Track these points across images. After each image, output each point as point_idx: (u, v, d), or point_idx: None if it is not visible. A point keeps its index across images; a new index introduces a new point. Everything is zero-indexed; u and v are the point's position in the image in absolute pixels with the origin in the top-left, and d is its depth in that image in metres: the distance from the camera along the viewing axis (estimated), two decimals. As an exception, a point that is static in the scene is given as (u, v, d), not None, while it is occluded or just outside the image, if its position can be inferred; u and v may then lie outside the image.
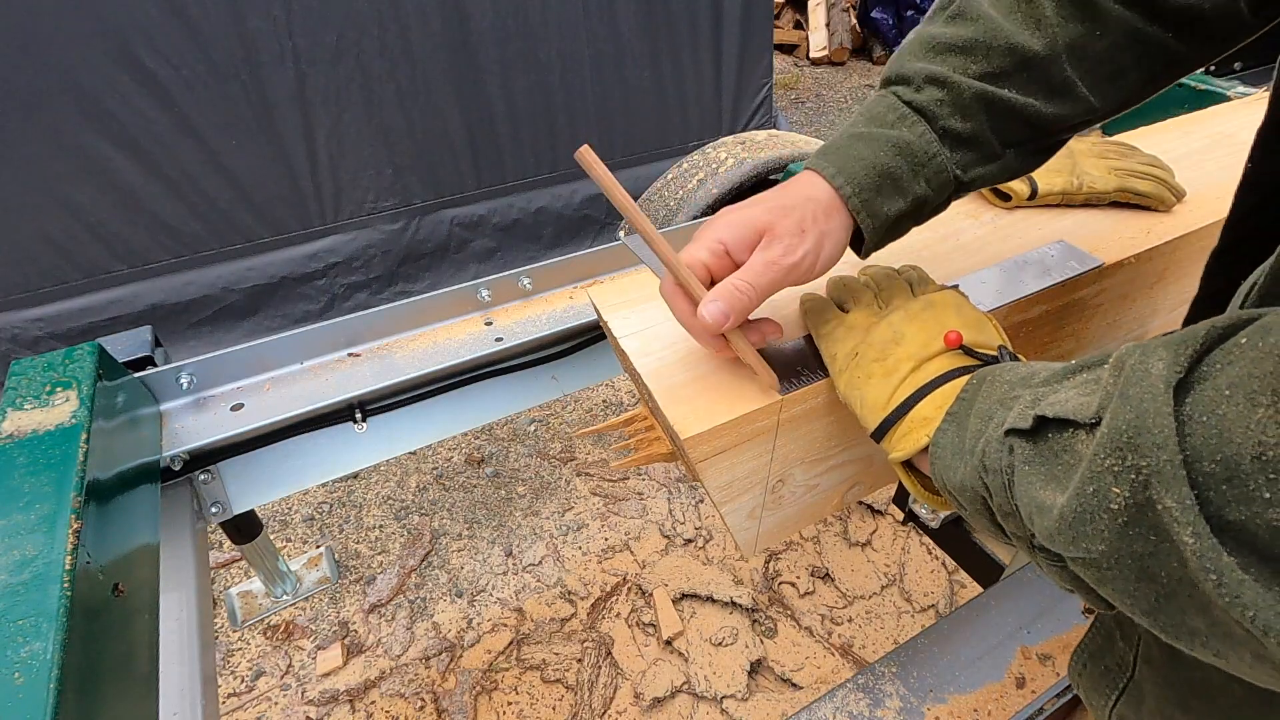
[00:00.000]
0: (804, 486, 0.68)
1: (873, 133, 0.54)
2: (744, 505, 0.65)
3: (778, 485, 0.65)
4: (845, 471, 0.71)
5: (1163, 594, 0.31)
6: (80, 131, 1.99)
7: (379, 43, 2.26)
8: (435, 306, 0.98)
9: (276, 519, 2.05)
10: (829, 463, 0.68)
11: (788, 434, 0.61)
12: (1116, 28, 0.51)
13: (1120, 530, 0.31)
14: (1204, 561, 0.27)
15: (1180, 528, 0.27)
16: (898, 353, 0.52)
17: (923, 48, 0.55)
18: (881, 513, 2.01)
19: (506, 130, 2.60)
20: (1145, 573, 0.31)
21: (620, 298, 0.70)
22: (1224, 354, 0.29)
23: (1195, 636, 0.31)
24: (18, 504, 0.56)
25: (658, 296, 0.62)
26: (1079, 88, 0.53)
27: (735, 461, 0.59)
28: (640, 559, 1.89)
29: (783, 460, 0.63)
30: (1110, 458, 0.30)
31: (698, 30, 2.84)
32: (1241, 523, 0.26)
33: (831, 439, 0.65)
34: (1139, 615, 0.33)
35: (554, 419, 2.38)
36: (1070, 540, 0.34)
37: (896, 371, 0.51)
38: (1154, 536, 0.29)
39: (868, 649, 1.68)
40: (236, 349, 0.88)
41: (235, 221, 2.30)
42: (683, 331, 0.64)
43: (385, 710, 1.57)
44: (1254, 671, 0.29)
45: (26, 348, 2.14)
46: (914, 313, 0.54)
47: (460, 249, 2.72)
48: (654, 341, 0.64)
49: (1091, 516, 0.32)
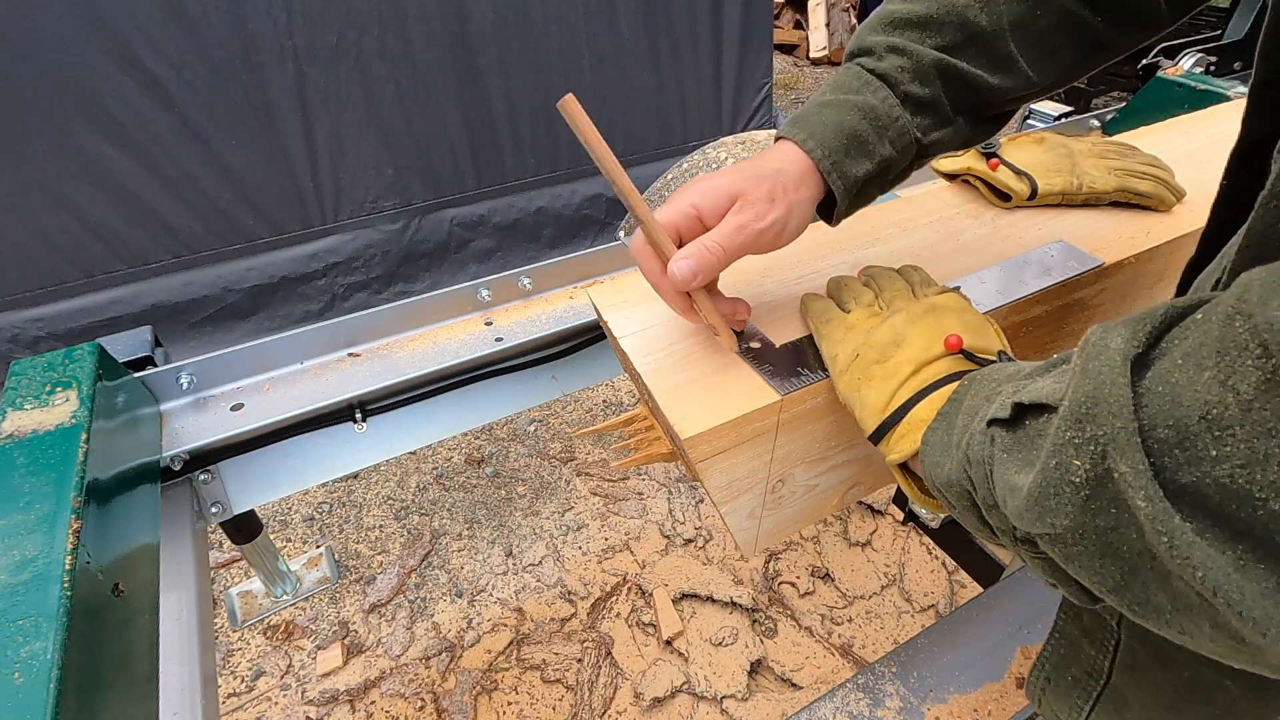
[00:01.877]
0: (804, 487, 0.68)
1: (839, 99, 0.58)
2: (744, 505, 0.64)
3: (778, 485, 0.65)
4: (845, 471, 0.71)
5: (1126, 569, 0.31)
6: (80, 131, 1.99)
7: (379, 43, 2.26)
8: (435, 306, 0.98)
9: (276, 519, 2.05)
10: (829, 463, 0.68)
11: (788, 434, 0.61)
12: (1053, 9, 0.57)
13: (1083, 504, 0.31)
14: (1157, 525, 0.27)
15: (1134, 493, 0.28)
16: (899, 356, 0.52)
17: (883, 24, 0.59)
18: (881, 513, 2.01)
19: (506, 130, 2.60)
20: (1109, 548, 0.31)
21: (620, 297, 0.70)
22: (1180, 330, 0.30)
23: (1160, 613, 0.31)
24: (18, 504, 0.56)
25: (658, 296, 0.62)
26: (1020, 63, 0.58)
27: (735, 462, 0.59)
28: (640, 559, 1.89)
29: (783, 460, 0.63)
30: (1071, 430, 0.31)
31: (698, 30, 2.84)
32: (1194, 484, 0.27)
33: (831, 439, 0.65)
34: (1107, 594, 0.33)
35: (554, 419, 2.38)
36: (1037, 517, 0.34)
37: (896, 374, 0.52)
38: (1114, 509, 0.30)
39: (868, 649, 1.68)
40: (236, 349, 0.88)
41: (235, 221, 2.30)
42: (683, 331, 0.64)
43: (385, 710, 1.57)
44: (1215, 645, 0.30)
45: (26, 348, 2.14)
46: (916, 316, 0.55)
47: (460, 249, 2.72)
48: (654, 341, 0.64)
49: (1055, 490, 0.32)
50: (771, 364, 0.59)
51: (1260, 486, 0.25)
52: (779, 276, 0.72)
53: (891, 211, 0.84)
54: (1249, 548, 0.26)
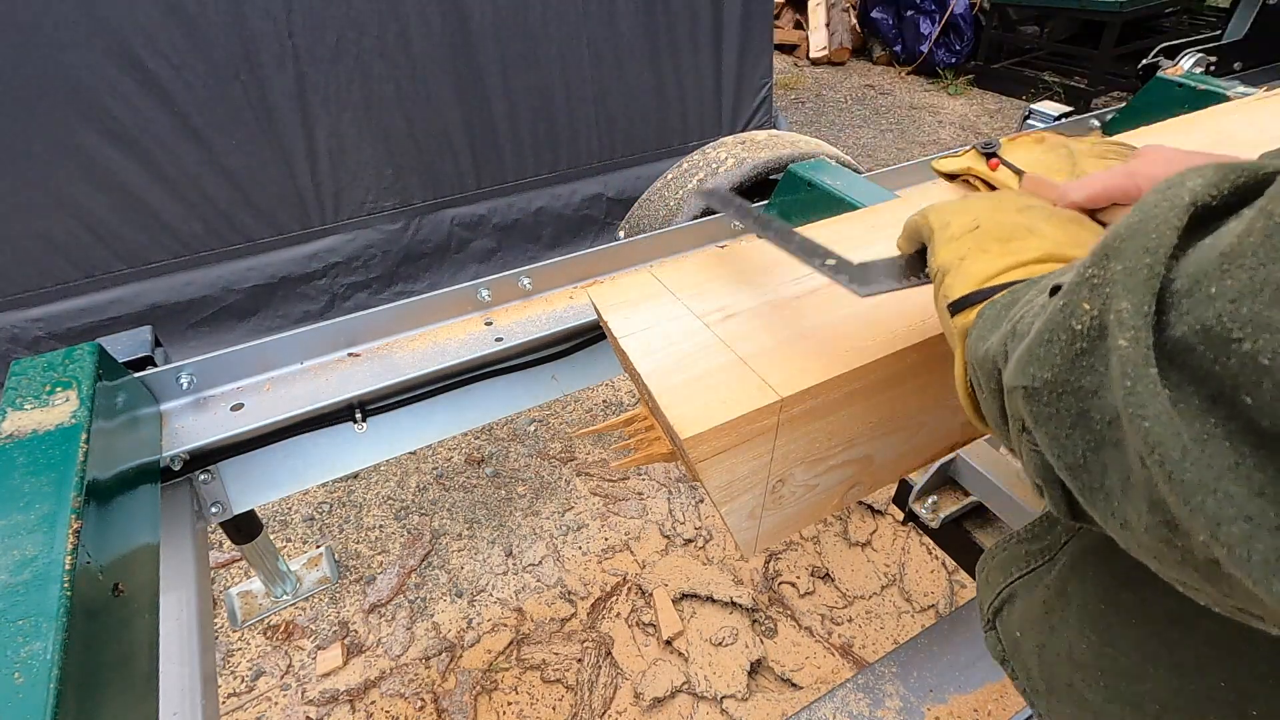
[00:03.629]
0: (804, 486, 0.68)
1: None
2: (744, 505, 0.64)
3: (778, 485, 0.65)
4: (845, 472, 0.71)
5: (1092, 443, 0.30)
6: (80, 131, 1.99)
7: (379, 43, 2.26)
8: (435, 306, 0.98)
9: (276, 519, 2.05)
10: (829, 463, 0.68)
11: (788, 434, 0.60)
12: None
13: (1073, 358, 0.30)
14: (1127, 368, 0.26)
15: (1122, 332, 0.27)
16: (1029, 241, 0.49)
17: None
18: (881, 513, 2.01)
19: (506, 130, 2.60)
20: (1082, 415, 0.30)
21: (620, 297, 0.70)
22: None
23: (1110, 499, 0.30)
24: (18, 504, 0.56)
25: (658, 296, 0.62)
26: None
27: (735, 461, 0.59)
28: (640, 559, 1.89)
29: (783, 460, 0.63)
30: (1093, 266, 0.30)
31: (698, 30, 2.84)
32: (1183, 336, 0.26)
33: (832, 439, 0.65)
34: (1064, 470, 0.32)
35: (554, 419, 2.38)
36: (1023, 366, 0.33)
37: (1018, 254, 0.48)
38: (1102, 368, 0.29)
39: (868, 649, 1.68)
40: (236, 349, 0.88)
41: (235, 221, 2.30)
42: (684, 331, 0.64)
43: (385, 710, 1.57)
44: (1149, 539, 0.28)
45: (26, 348, 2.14)
46: (1061, 220, 0.52)
47: (460, 249, 2.72)
48: (654, 341, 0.63)
49: (1052, 336, 0.31)
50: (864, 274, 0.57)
51: (1242, 324, 0.23)
52: (780, 276, 0.72)
53: (891, 210, 0.84)
54: (1220, 420, 0.24)
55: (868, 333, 0.62)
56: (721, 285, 0.70)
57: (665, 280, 0.70)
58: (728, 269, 0.72)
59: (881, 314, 0.64)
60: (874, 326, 0.63)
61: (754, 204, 1.04)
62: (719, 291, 0.69)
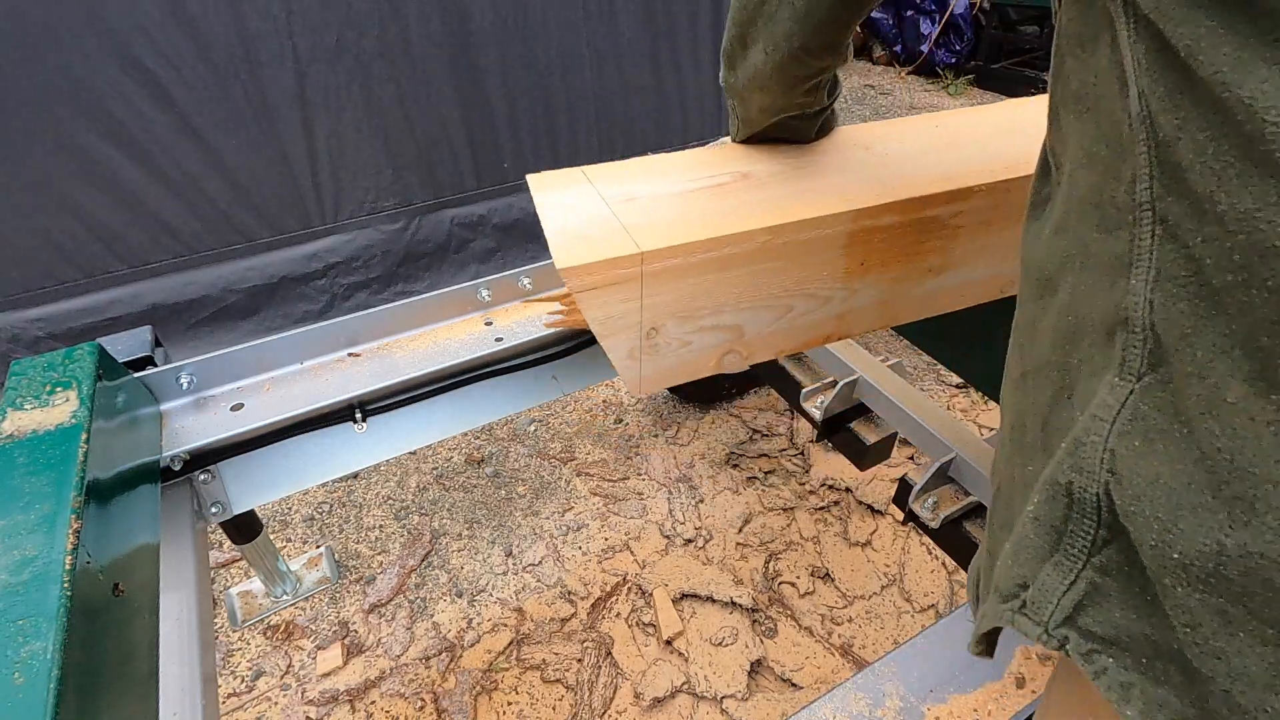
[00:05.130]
0: (678, 341, 0.78)
1: None
2: (623, 344, 0.74)
3: (652, 333, 0.75)
4: (717, 336, 0.80)
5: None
6: (80, 131, 1.99)
7: (379, 43, 2.26)
8: (435, 306, 0.98)
9: (276, 519, 2.05)
10: (699, 323, 0.77)
11: (654, 286, 0.71)
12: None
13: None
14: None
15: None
16: None
17: None
18: (881, 513, 2.01)
19: (506, 130, 2.60)
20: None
21: (551, 183, 0.80)
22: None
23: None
24: (18, 504, 0.56)
25: (580, 183, 0.78)
26: None
27: (607, 299, 0.70)
28: (640, 559, 1.89)
29: (653, 310, 0.73)
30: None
31: (698, 30, 2.84)
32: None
33: (698, 300, 0.75)
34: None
35: (554, 419, 2.38)
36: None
37: None
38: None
39: (868, 649, 1.68)
40: (236, 349, 0.89)
41: (235, 221, 2.30)
42: (588, 208, 0.75)
43: (385, 710, 1.57)
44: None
45: (26, 348, 2.14)
46: None
47: (460, 249, 2.72)
48: (564, 213, 0.74)
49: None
50: None
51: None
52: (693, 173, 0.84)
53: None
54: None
55: (734, 217, 0.73)
56: (638, 178, 0.81)
57: (590, 174, 0.82)
58: (644, 168, 0.84)
59: (750, 209, 0.75)
60: (740, 214, 0.74)
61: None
62: (630, 181, 0.80)
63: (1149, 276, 0.36)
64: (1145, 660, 0.39)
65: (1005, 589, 0.46)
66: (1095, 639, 0.41)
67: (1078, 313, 0.42)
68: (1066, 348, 0.43)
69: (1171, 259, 0.35)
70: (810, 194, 0.78)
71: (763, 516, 2.01)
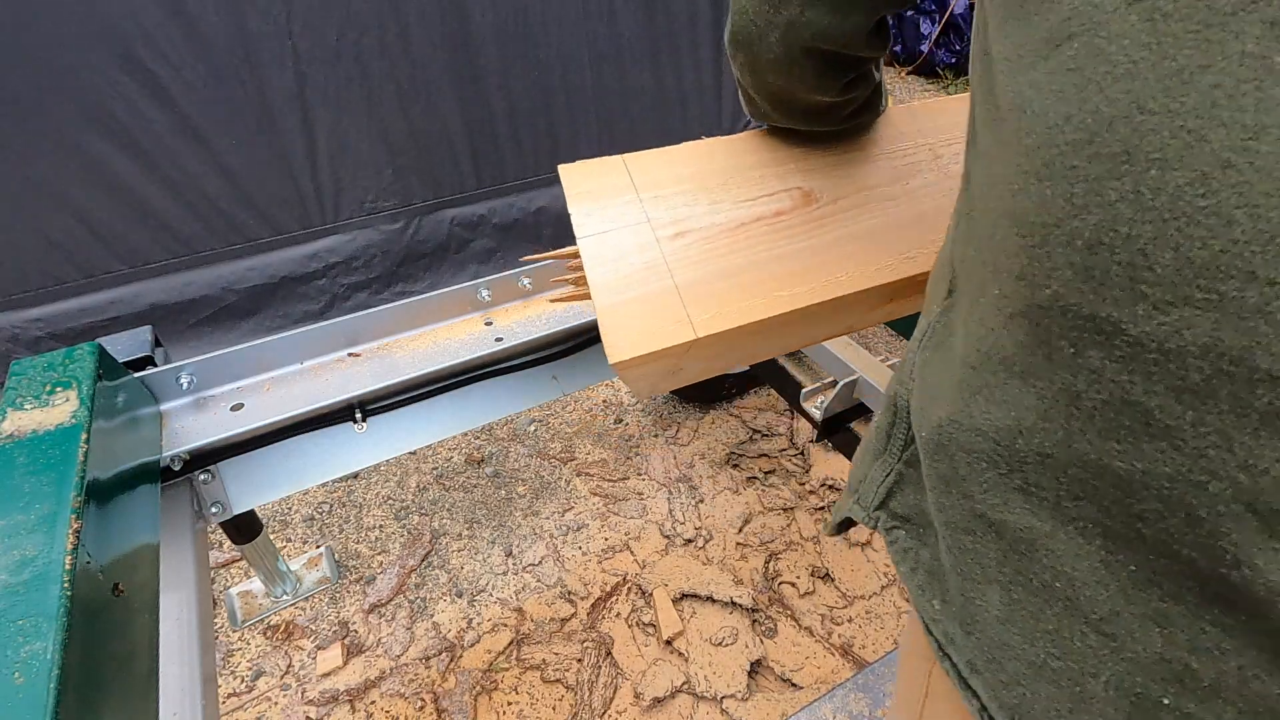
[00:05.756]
0: (699, 370, 0.78)
1: None
2: (643, 381, 0.73)
3: (677, 372, 0.75)
4: (735, 358, 0.81)
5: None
6: (80, 131, 1.99)
7: (379, 43, 2.27)
8: (435, 306, 0.99)
9: (276, 519, 2.05)
10: (725, 360, 0.78)
11: (697, 352, 0.69)
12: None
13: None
14: None
15: None
16: None
17: None
18: (881, 513, 2.01)
19: (506, 130, 2.60)
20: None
21: (587, 185, 0.71)
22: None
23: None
24: (18, 504, 0.56)
25: (622, 193, 0.69)
26: None
27: (650, 369, 0.68)
28: (640, 559, 1.89)
29: (688, 364, 0.73)
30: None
31: (698, 30, 2.84)
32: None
33: (732, 351, 0.74)
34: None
35: (554, 419, 2.38)
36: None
37: None
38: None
39: (868, 649, 1.68)
40: (236, 349, 0.89)
41: (235, 221, 2.30)
42: (636, 244, 0.68)
43: (385, 710, 1.57)
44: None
45: (26, 348, 2.14)
46: None
47: (460, 249, 2.73)
48: (608, 250, 0.67)
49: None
50: None
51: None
52: (736, 192, 0.77)
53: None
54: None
55: (791, 281, 0.69)
56: (685, 190, 0.73)
57: (634, 172, 0.73)
58: (694, 168, 0.75)
59: (809, 263, 0.71)
60: (804, 275, 0.70)
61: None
62: (680, 198, 0.72)
63: (953, 225, 0.45)
64: (921, 530, 0.48)
65: (851, 483, 0.57)
66: (896, 517, 0.51)
67: (944, 249, 0.49)
68: (935, 277, 0.50)
69: (961, 210, 0.43)
70: (879, 240, 0.72)
71: (763, 516, 2.01)
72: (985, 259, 0.37)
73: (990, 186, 0.36)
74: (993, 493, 0.38)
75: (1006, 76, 0.34)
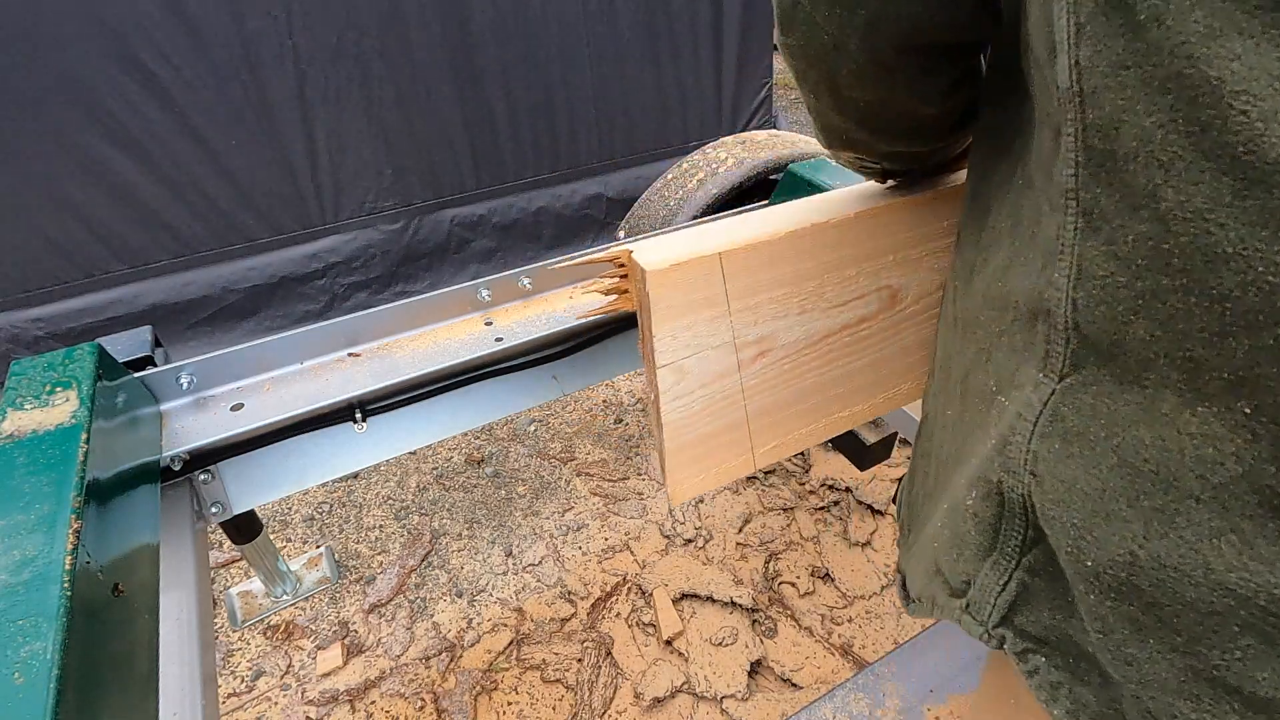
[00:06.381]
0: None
1: None
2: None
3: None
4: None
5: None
6: (80, 131, 1.99)
7: (379, 43, 2.26)
8: (435, 306, 0.98)
9: (276, 519, 2.05)
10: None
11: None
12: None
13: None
14: None
15: None
16: None
17: None
18: (881, 513, 2.01)
19: (506, 130, 2.60)
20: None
21: (675, 289, 0.62)
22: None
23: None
24: (18, 504, 0.56)
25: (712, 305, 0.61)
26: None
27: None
28: (640, 559, 1.89)
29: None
30: None
31: (698, 30, 2.84)
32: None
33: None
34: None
35: (554, 419, 2.38)
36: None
37: None
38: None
39: (868, 649, 1.68)
40: (236, 349, 0.89)
41: (235, 221, 2.31)
42: (716, 370, 0.64)
43: (385, 710, 1.57)
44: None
45: (26, 348, 2.14)
46: None
47: (460, 249, 2.73)
48: (687, 380, 0.61)
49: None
50: None
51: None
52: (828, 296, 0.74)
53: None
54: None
55: (855, 398, 0.69)
56: (777, 296, 0.65)
57: (728, 277, 0.62)
58: (791, 269, 0.65)
59: (878, 376, 0.70)
60: (862, 392, 0.69)
61: (754, 205, 1.05)
62: (770, 307, 0.64)
63: (1071, 274, 0.34)
64: (1072, 660, 0.39)
65: (954, 584, 0.46)
66: (1029, 638, 0.41)
67: (1009, 282, 0.40)
68: (993, 313, 0.42)
69: (1094, 256, 0.32)
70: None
71: (763, 516, 2.01)
72: (1172, 338, 0.29)
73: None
74: (1257, 663, 0.29)
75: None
